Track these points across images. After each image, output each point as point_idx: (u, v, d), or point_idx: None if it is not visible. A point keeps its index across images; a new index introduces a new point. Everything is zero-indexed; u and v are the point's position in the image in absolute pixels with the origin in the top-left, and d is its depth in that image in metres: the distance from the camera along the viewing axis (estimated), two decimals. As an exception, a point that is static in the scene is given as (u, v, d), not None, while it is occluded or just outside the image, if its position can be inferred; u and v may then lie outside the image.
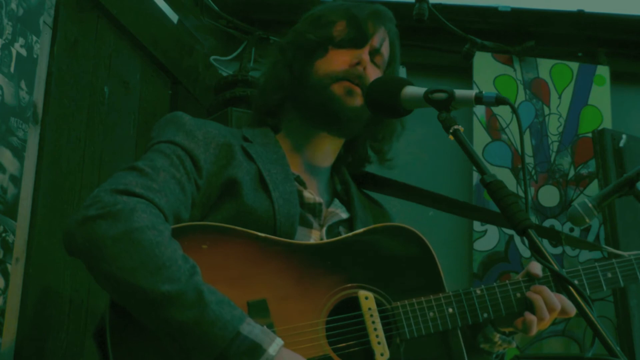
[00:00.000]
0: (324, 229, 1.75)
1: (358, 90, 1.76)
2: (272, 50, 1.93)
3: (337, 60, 1.79)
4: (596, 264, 1.79)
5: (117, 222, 1.41)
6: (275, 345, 1.40)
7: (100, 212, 1.42)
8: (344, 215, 1.81)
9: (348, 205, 1.84)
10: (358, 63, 1.78)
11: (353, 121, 1.79)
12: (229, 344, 1.37)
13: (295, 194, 1.70)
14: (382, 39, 1.85)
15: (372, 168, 2.02)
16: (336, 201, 1.84)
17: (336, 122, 1.78)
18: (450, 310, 1.63)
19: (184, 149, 1.63)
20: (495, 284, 1.70)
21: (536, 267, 1.74)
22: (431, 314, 1.62)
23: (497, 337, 1.76)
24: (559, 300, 1.67)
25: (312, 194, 1.76)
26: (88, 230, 1.42)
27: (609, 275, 1.79)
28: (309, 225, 1.73)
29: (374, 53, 1.83)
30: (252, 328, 1.41)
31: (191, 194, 1.60)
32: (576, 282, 1.74)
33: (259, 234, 1.58)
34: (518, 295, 1.69)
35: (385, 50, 1.87)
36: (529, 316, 1.67)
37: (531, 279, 1.73)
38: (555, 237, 2.13)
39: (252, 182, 1.66)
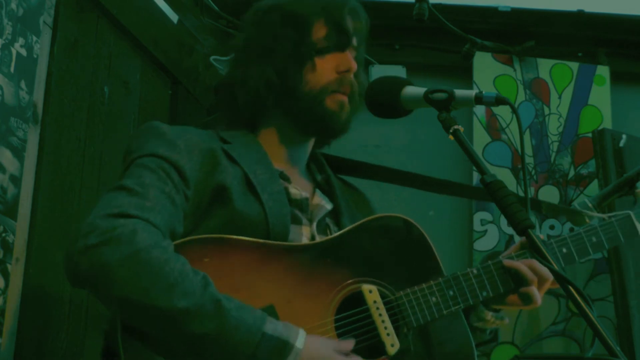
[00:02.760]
0: (314, 224, 1.75)
1: (347, 99, 1.76)
2: (236, 44, 1.90)
3: (325, 69, 1.76)
4: (581, 229, 1.82)
5: (120, 246, 1.39)
6: (301, 338, 1.42)
7: (101, 239, 1.39)
8: (329, 206, 1.80)
9: (330, 195, 1.84)
10: (347, 70, 1.76)
11: (345, 129, 1.81)
12: (257, 346, 1.38)
13: (283, 193, 1.69)
14: (359, 37, 1.82)
15: (353, 154, 2.04)
16: (318, 192, 1.84)
17: (331, 134, 1.82)
18: (452, 292, 1.65)
19: (168, 161, 1.59)
20: (489, 262, 1.71)
21: None
22: (434, 298, 1.63)
23: (489, 315, 1.78)
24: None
25: (297, 189, 1.76)
26: (92, 258, 1.38)
27: (594, 239, 1.82)
28: (299, 222, 1.72)
29: (354, 51, 1.81)
30: (275, 325, 1.41)
31: (181, 206, 1.58)
32: (564, 250, 1.78)
33: (258, 240, 1.58)
34: (513, 270, 1.70)
35: (360, 45, 1.84)
36: (524, 289, 1.68)
37: (524, 252, 1.74)
38: (535, 207, 2.20)
39: (239, 187, 1.65)
